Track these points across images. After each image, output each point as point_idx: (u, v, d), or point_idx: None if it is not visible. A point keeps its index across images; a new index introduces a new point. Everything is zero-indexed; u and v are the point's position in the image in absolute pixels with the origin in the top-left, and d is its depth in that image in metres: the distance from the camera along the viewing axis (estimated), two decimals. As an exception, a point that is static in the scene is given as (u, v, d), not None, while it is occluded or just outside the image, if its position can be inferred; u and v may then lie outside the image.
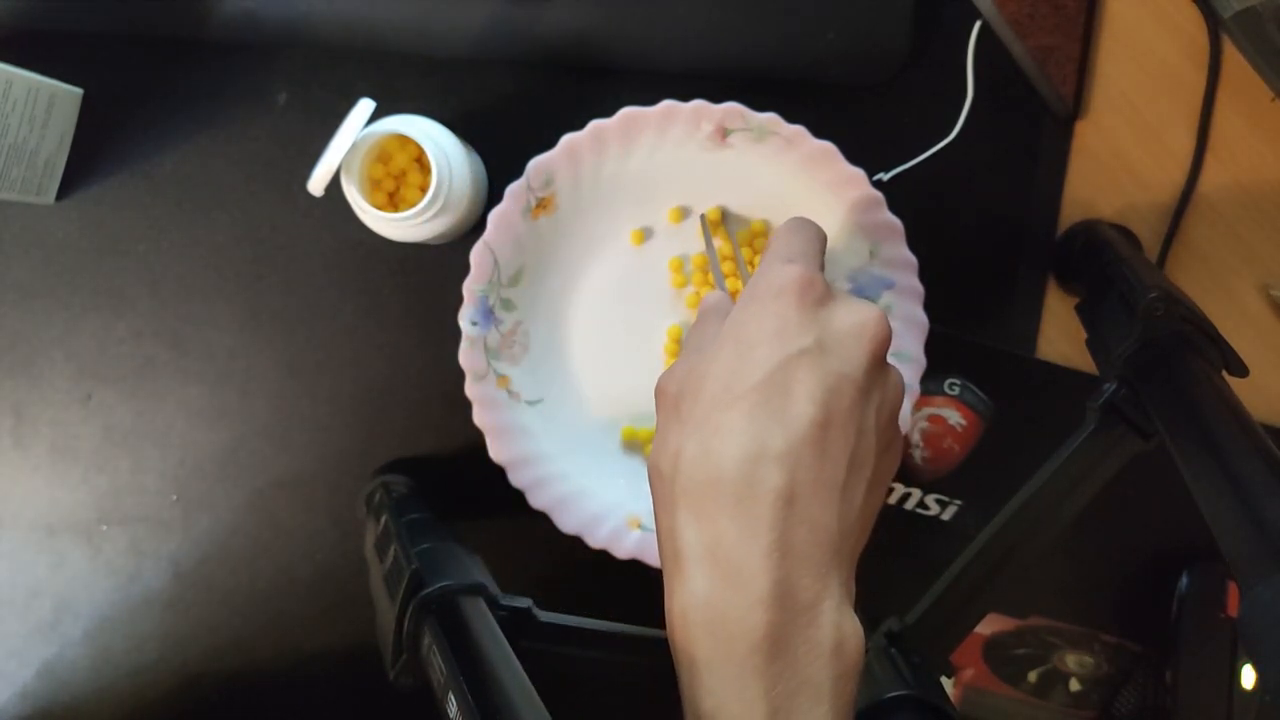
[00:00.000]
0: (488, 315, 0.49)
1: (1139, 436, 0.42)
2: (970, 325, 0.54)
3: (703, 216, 0.50)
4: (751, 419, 0.29)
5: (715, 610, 0.28)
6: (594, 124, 0.47)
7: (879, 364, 0.32)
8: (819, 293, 0.32)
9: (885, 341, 0.32)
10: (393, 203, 0.49)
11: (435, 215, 0.47)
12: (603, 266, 0.51)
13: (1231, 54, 0.53)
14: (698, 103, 0.47)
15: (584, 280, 0.51)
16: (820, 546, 0.29)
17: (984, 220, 0.54)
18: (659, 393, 0.33)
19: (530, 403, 0.51)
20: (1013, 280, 0.55)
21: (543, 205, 0.49)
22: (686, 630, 0.29)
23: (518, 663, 0.36)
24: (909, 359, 0.49)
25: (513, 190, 0.48)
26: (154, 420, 0.54)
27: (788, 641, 0.28)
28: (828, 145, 0.47)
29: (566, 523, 0.49)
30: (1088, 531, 0.55)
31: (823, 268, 0.35)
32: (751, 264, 0.51)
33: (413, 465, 0.55)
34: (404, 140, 0.47)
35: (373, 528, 0.49)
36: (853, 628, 0.29)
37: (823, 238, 0.36)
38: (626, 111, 0.47)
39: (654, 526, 0.35)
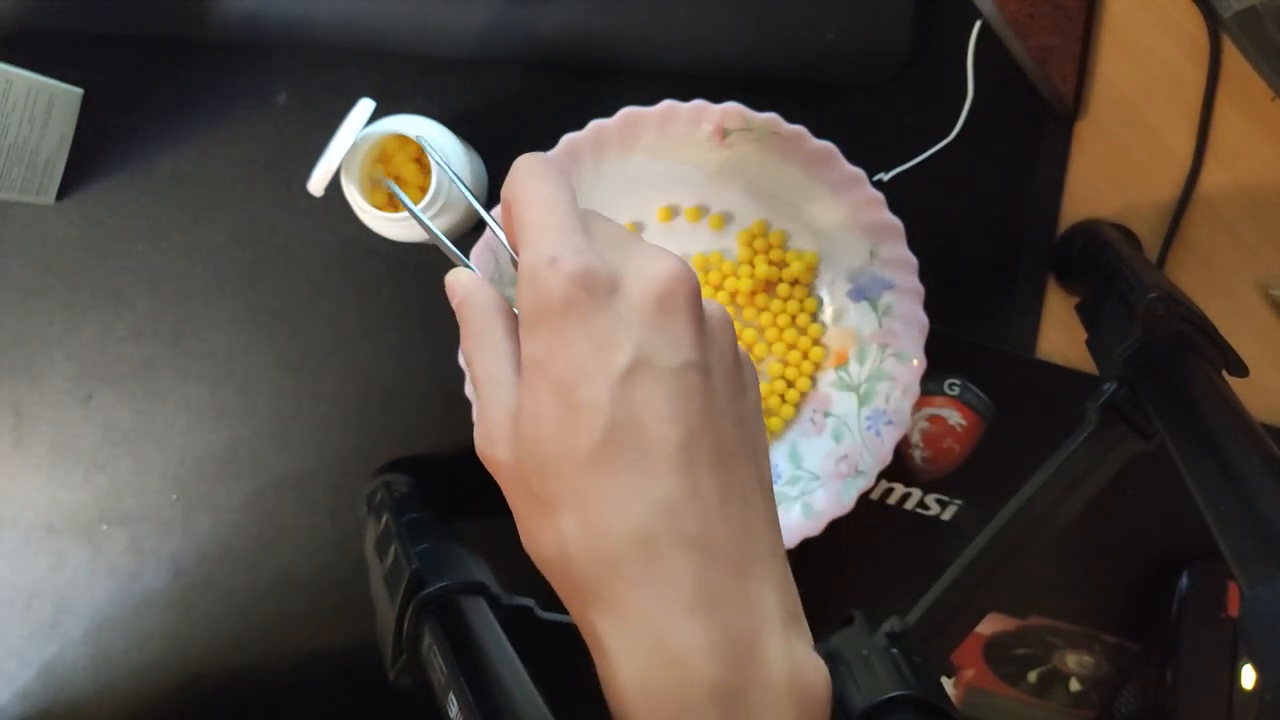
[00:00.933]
0: (488, 315, 0.49)
1: (1139, 436, 0.42)
2: (970, 325, 0.54)
3: (422, 139, 0.41)
4: (618, 475, 0.25)
5: (651, 691, 0.25)
6: (594, 124, 0.47)
7: (701, 324, 0.27)
8: (605, 278, 0.26)
9: (696, 295, 0.27)
10: (393, 203, 0.49)
11: (435, 215, 0.47)
12: (603, 266, 0.51)
13: (1231, 54, 0.53)
14: (698, 103, 0.47)
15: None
16: (741, 572, 0.26)
17: (984, 220, 0.54)
18: (487, 461, 0.28)
19: (530, 403, 0.51)
20: (1013, 280, 0.55)
21: (543, 205, 0.49)
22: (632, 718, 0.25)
23: (519, 663, 0.36)
24: (909, 359, 0.50)
25: (513, 190, 0.48)
26: (154, 420, 0.54)
27: (740, 695, 0.24)
28: (828, 145, 0.47)
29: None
30: (1088, 531, 0.55)
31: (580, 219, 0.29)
32: (753, 263, 0.51)
33: (413, 465, 0.55)
34: (404, 140, 0.47)
35: (373, 527, 0.49)
36: (807, 658, 0.26)
37: (569, 182, 0.30)
38: (626, 111, 0.47)
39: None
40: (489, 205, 0.51)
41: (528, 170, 0.30)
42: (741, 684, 0.25)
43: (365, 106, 0.44)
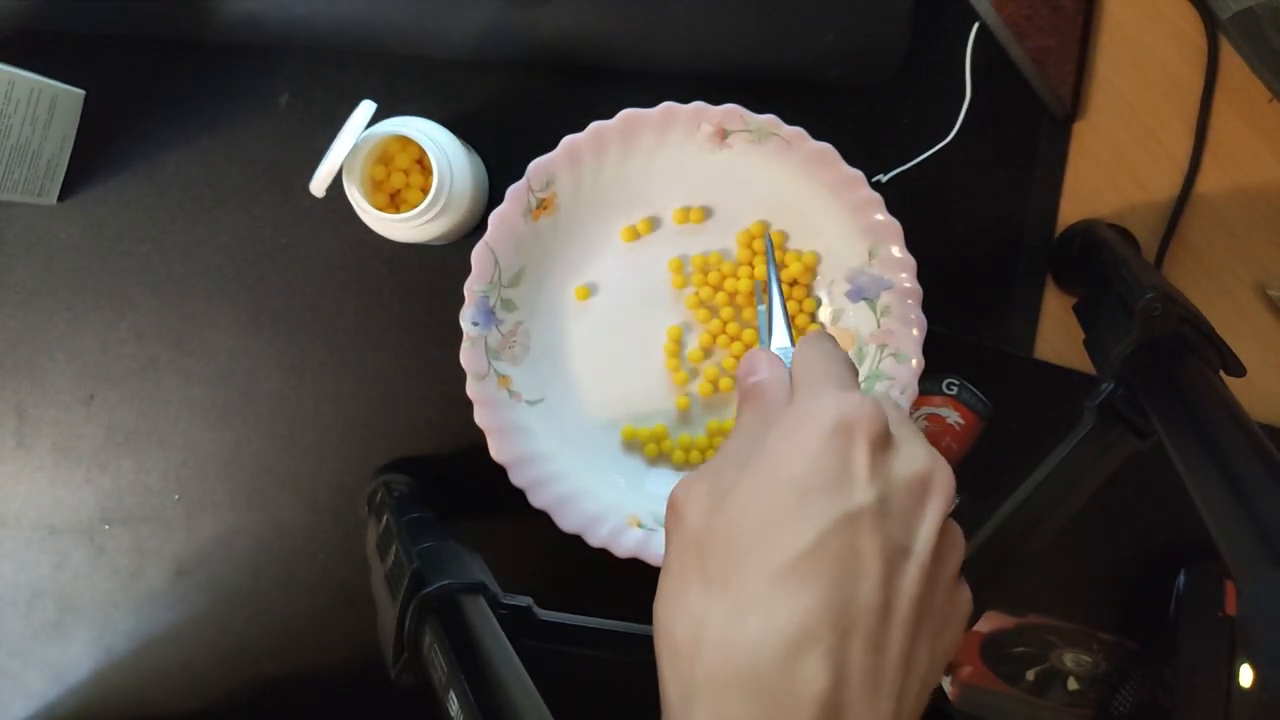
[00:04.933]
0: (488, 315, 0.49)
1: (1136, 436, 0.42)
2: (968, 325, 0.54)
3: (768, 237, 0.47)
4: (799, 593, 0.24)
5: None
6: (594, 125, 0.47)
7: (940, 528, 0.26)
8: (884, 431, 0.26)
9: (951, 499, 0.27)
10: (394, 204, 0.49)
11: (436, 216, 0.47)
12: (603, 267, 0.51)
13: (1229, 55, 0.53)
14: (697, 104, 0.47)
15: (584, 281, 0.51)
16: None
17: (982, 221, 0.55)
18: (676, 510, 0.26)
19: (530, 403, 0.51)
20: (1011, 280, 0.55)
21: (543, 206, 0.49)
22: None
23: (518, 661, 0.36)
24: (908, 359, 0.50)
25: (513, 191, 0.48)
26: (156, 420, 0.55)
27: None
28: (826, 146, 0.47)
29: (566, 522, 0.49)
30: (1086, 530, 0.55)
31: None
32: (752, 264, 0.51)
33: (414, 465, 0.55)
34: (405, 141, 0.48)
35: (374, 527, 0.49)
36: None
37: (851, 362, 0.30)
38: (626, 113, 0.47)
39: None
40: (489, 205, 0.51)
41: (828, 336, 0.31)
42: None
43: (366, 108, 0.44)
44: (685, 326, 0.52)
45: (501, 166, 0.51)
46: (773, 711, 0.23)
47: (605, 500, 0.50)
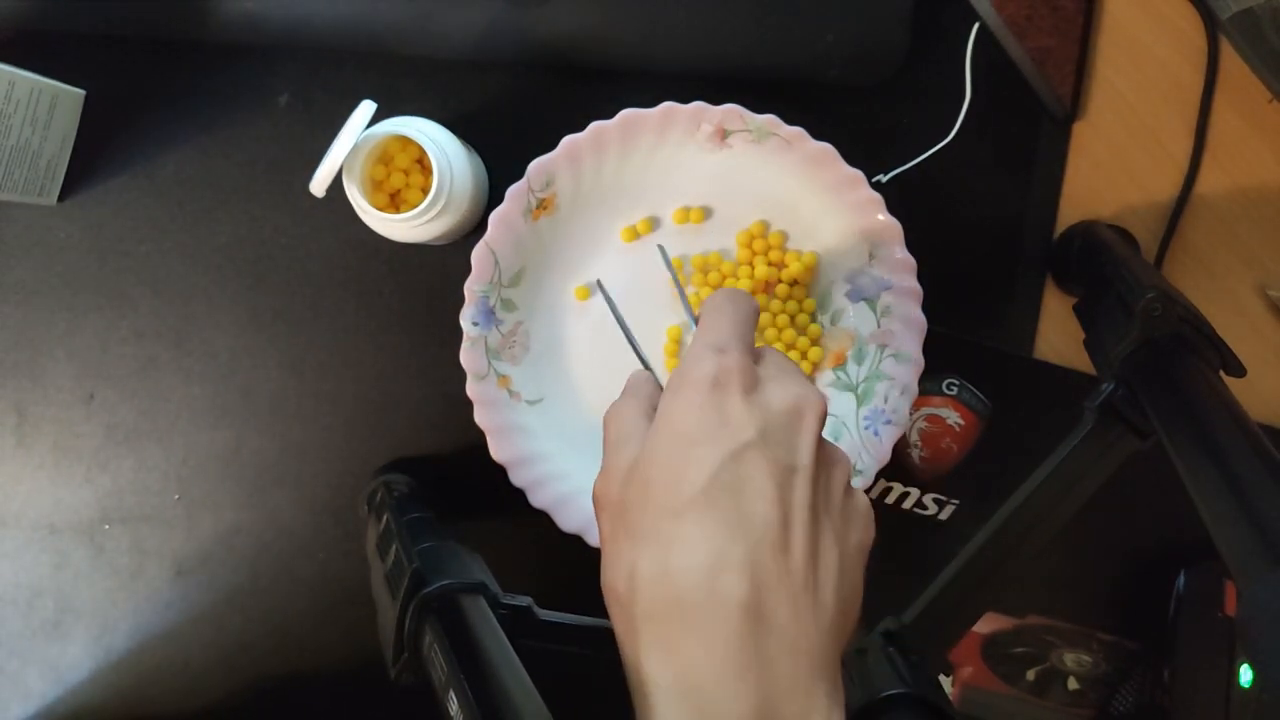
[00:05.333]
0: (488, 315, 0.49)
1: (1136, 436, 0.42)
2: (968, 325, 0.54)
3: (599, 284, 0.48)
4: (705, 526, 0.27)
5: None
6: (594, 125, 0.47)
7: (817, 445, 0.30)
8: (752, 376, 0.31)
9: (823, 418, 0.31)
10: (394, 204, 0.49)
11: (436, 216, 0.47)
12: (603, 267, 0.51)
13: (1229, 55, 0.53)
14: (697, 104, 0.47)
15: (584, 280, 0.51)
16: (800, 657, 0.27)
17: (982, 221, 0.55)
18: (597, 499, 0.31)
19: (530, 402, 0.51)
20: (1011, 281, 0.55)
21: (543, 206, 0.49)
22: None
23: (518, 661, 0.36)
24: (908, 359, 0.50)
25: (513, 191, 0.48)
26: (156, 420, 0.55)
27: None
28: (826, 146, 0.47)
29: (566, 522, 0.49)
30: (1085, 530, 0.55)
31: (754, 342, 0.34)
32: (752, 264, 0.51)
33: (414, 465, 0.55)
34: (405, 141, 0.48)
35: (374, 527, 0.49)
36: None
37: (755, 310, 0.35)
38: (626, 113, 0.47)
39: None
40: (489, 205, 0.51)
41: (729, 295, 0.35)
42: None
43: (366, 108, 0.44)
44: (685, 326, 0.52)
45: (501, 166, 0.51)
46: (703, 624, 0.26)
47: (605, 500, 0.50)
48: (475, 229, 0.53)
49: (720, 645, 0.26)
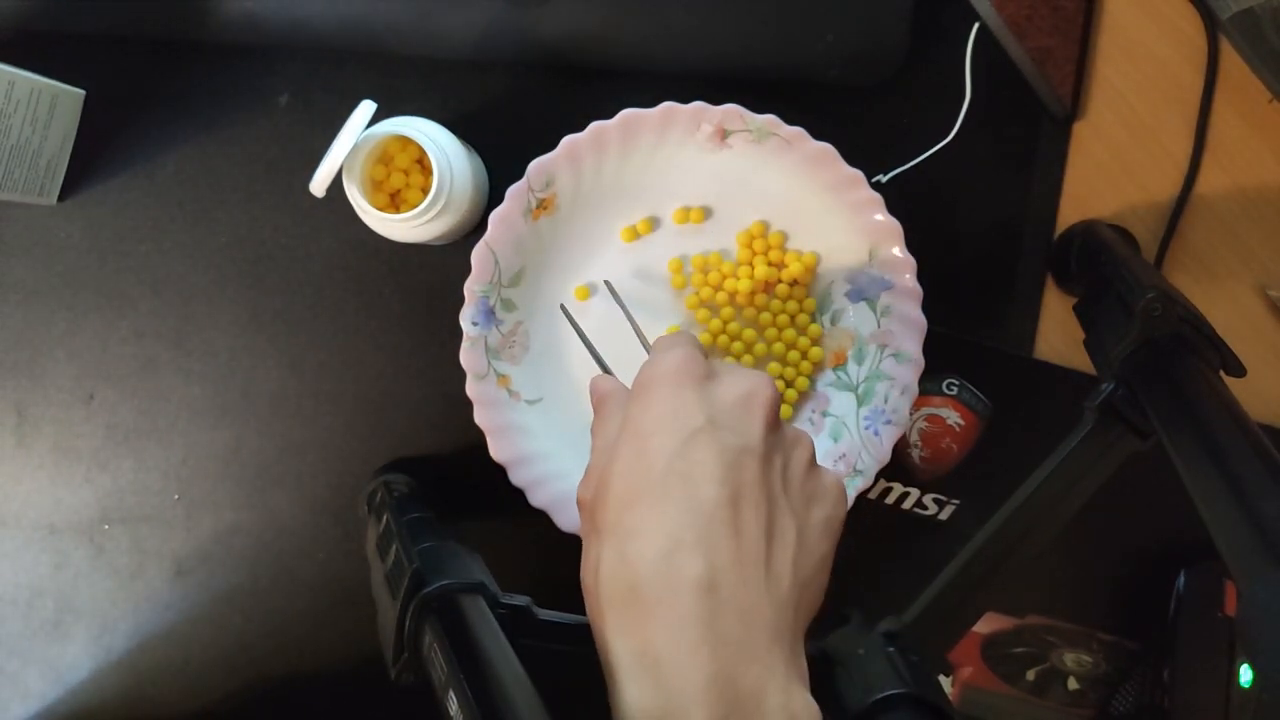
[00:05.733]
0: (488, 315, 0.49)
1: (1136, 436, 0.42)
2: (968, 325, 0.54)
3: (563, 306, 0.48)
4: (659, 513, 0.29)
5: (655, 717, 0.27)
6: (594, 125, 0.47)
7: (773, 427, 0.32)
8: (702, 369, 0.32)
9: (774, 404, 0.32)
10: (394, 204, 0.49)
11: (436, 216, 0.47)
12: (603, 267, 0.51)
13: (1229, 55, 0.53)
14: (697, 104, 0.47)
15: (584, 280, 0.51)
16: (754, 628, 0.28)
17: (982, 221, 0.55)
18: (578, 503, 0.33)
19: (530, 402, 0.51)
20: (1011, 280, 0.55)
21: (543, 206, 0.49)
22: None
23: (517, 661, 0.36)
24: (908, 359, 0.50)
25: (513, 191, 0.48)
26: (156, 420, 0.55)
27: None
28: (826, 146, 0.47)
29: (566, 521, 0.49)
30: (1085, 531, 0.55)
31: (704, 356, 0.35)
32: (752, 264, 0.51)
33: (414, 464, 0.55)
34: (405, 141, 0.48)
35: (374, 527, 0.49)
36: (804, 707, 0.28)
37: (699, 344, 0.36)
38: (626, 113, 0.47)
39: None
40: (489, 205, 0.51)
41: (680, 332, 0.37)
42: None
43: (366, 108, 0.44)
44: (685, 327, 0.52)
45: (501, 166, 0.51)
46: (661, 603, 0.28)
47: (605, 500, 0.50)
48: (475, 229, 0.53)
49: (677, 620, 0.27)
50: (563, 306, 0.48)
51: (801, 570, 0.30)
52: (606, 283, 0.49)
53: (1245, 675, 0.52)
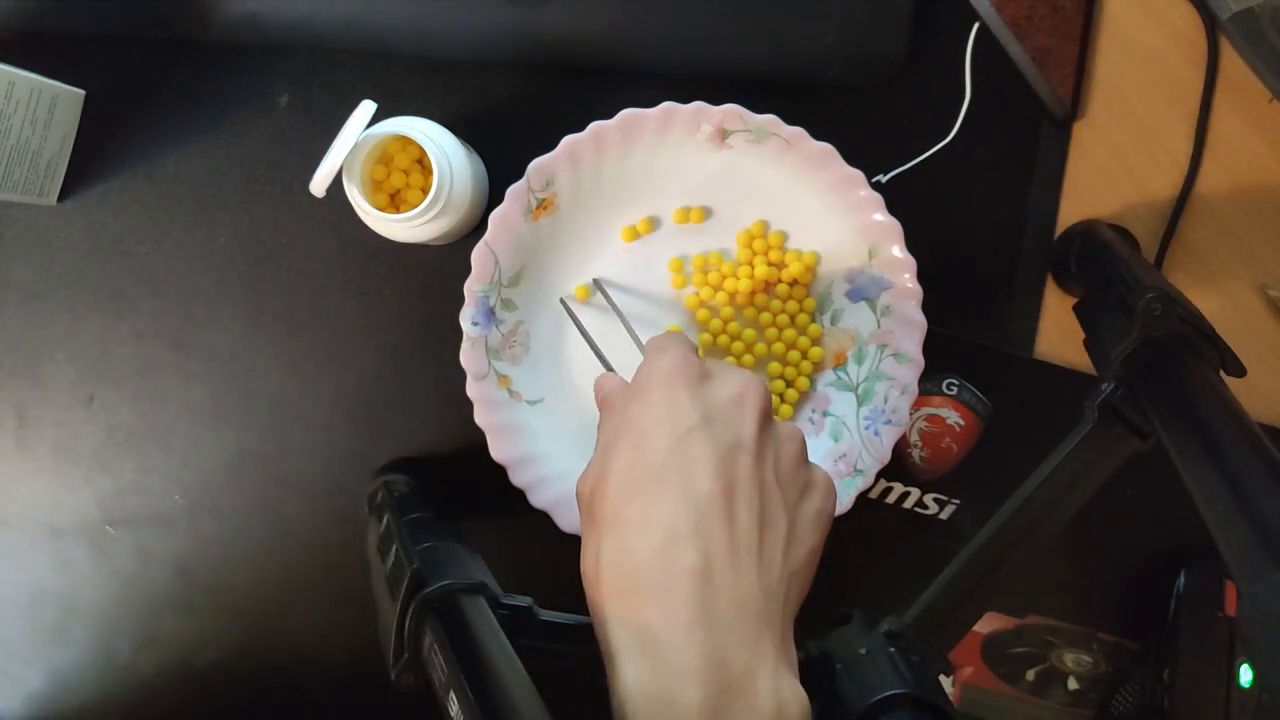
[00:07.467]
0: (489, 315, 0.49)
1: (1137, 436, 0.42)
2: (968, 325, 0.54)
3: (562, 300, 0.49)
4: (656, 505, 0.30)
5: (649, 697, 0.28)
6: (594, 125, 0.47)
7: (765, 424, 0.33)
8: (697, 370, 0.34)
9: (765, 402, 0.34)
10: (394, 204, 0.49)
11: (436, 216, 0.47)
12: (603, 267, 0.51)
13: (1229, 55, 0.53)
14: (697, 104, 0.47)
15: (584, 280, 0.51)
16: (746, 614, 0.29)
17: (982, 221, 0.55)
18: (577, 498, 0.34)
19: (531, 402, 0.51)
20: (1011, 280, 0.55)
21: (543, 206, 0.49)
22: None
23: (518, 661, 0.36)
24: (908, 359, 0.50)
25: (513, 191, 0.48)
26: (157, 421, 0.55)
27: (726, 714, 0.28)
28: (826, 147, 0.47)
29: (567, 522, 0.49)
30: (1086, 531, 0.56)
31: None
32: (752, 264, 0.51)
33: (414, 465, 0.55)
34: (405, 142, 0.48)
35: (375, 527, 0.49)
36: (792, 692, 0.29)
37: (693, 345, 0.38)
38: (626, 113, 0.47)
39: None
40: (489, 205, 0.51)
41: (671, 333, 0.39)
42: (729, 706, 0.28)
43: (366, 108, 0.44)
44: (685, 327, 0.52)
45: (501, 166, 0.51)
46: (658, 590, 0.29)
47: (605, 500, 0.50)
48: (475, 229, 0.53)
49: (673, 606, 0.29)
50: (563, 300, 0.48)
51: (792, 560, 0.32)
52: (596, 281, 0.49)
53: (1245, 675, 0.52)
